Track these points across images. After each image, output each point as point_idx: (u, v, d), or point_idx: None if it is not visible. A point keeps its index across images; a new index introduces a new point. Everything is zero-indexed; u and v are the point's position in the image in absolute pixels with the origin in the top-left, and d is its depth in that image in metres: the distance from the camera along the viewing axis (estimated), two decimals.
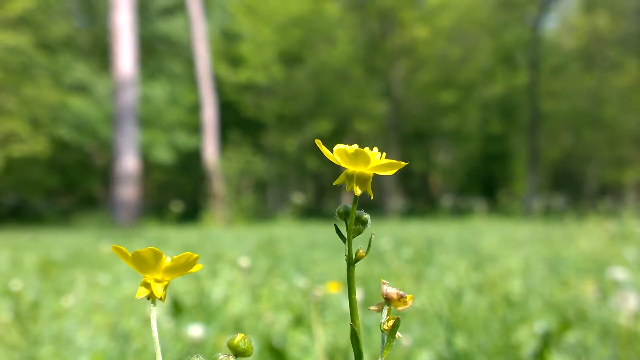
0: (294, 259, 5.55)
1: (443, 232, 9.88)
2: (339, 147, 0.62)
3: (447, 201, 18.15)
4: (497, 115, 27.07)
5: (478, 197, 23.47)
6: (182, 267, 0.63)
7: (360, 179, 0.63)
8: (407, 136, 26.81)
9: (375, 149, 0.64)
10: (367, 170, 0.63)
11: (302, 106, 25.20)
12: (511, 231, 9.75)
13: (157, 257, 0.62)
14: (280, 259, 5.47)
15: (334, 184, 0.64)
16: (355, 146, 0.62)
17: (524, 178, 25.79)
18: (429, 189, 31.06)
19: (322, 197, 31.18)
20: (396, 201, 21.73)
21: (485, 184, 29.03)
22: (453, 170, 28.77)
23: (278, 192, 27.60)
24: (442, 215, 16.68)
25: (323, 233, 10.15)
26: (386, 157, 0.63)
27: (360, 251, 0.61)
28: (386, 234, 8.40)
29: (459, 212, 18.18)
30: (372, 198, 0.61)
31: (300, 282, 3.56)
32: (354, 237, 0.63)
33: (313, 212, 23.47)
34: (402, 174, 26.68)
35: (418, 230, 10.16)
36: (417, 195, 30.56)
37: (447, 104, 25.02)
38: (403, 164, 0.60)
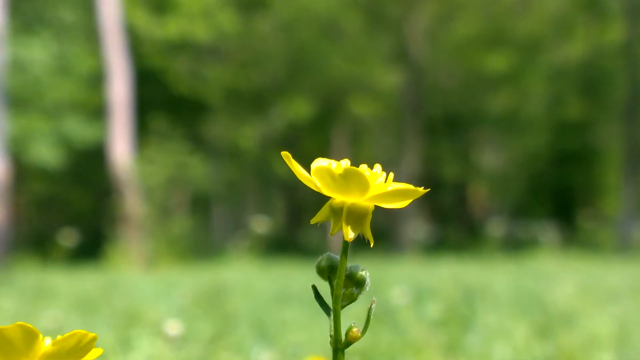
0: (254, 321, 5.56)
1: (490, 276, 9.91)
2: (319, 165, 0.56)
3: (496, 227, 18.18)
4: (576, 91, 27.22)
5: (545, 220, 23.55)
6: (70, 354, 0.62)
7: (354, 215, 0.57)
8: (433, 124, 26.90)
9: (378, 166, 0.61)
10: (365, 201, 0.58)
11: (268, 76, 25.22)
12: (598, 275, 9.79)
13: (30, 338, 0.61)
14: (231, 320, 5.47)
15: (312, 222, 0.60)
16: (346, 163, 0.60)
17: (617, 191, 25.94)
18: (469, 207, 31.16)
19: (298, 221, 31.17)
20: (417, 228, 21.75)
21: (557, 200, 29.16)
22: (506, 179, 28.86)
23: (229, 214, 27.56)
24: (488, 250, 16.72)
25: (299, 279, 10.15)
26: (398, 173, 0.60)
27: (354, 329, 0.60)
28: (401, 280, 8.40)
29: (516, 244, 18.22)
30: (371, 245, 0.59)
31: (264, 356, 3.56)
32: (344, 307, 0.60)
33: (284, 245, 23.46)
34: (427, 185, 26.71)
35: (451, 274, 10.18)
36: (449, 217, 30.64)
37: (496, 72, 25.13)
38: (422, 190, 0.59)
